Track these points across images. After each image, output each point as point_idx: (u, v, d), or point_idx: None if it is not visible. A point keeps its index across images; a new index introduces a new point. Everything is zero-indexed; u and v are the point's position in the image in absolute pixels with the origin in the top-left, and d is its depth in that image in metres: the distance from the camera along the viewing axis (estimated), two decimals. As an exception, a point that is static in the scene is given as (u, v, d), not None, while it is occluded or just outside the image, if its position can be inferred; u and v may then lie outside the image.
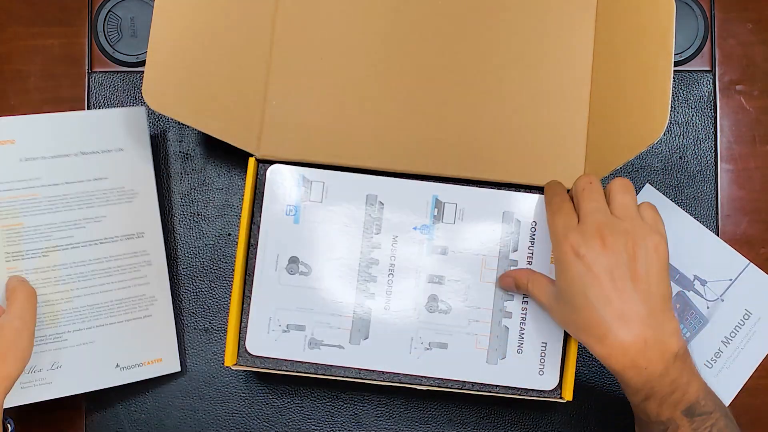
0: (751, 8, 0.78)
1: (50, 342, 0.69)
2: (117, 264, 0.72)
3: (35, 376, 0.69)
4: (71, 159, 0.70)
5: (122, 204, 0.72)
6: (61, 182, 0.69)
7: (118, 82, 0.77)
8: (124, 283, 0.72)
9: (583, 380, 0.75)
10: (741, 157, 0.77)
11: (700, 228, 0.76)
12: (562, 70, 0.70)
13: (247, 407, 0.75)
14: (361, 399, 0.75)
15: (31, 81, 0.78)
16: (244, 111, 0.68)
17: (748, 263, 0.76)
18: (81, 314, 0.70)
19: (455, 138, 0.69)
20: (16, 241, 0.68)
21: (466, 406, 0.75)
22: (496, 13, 0.70)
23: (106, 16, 0.78)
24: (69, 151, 0.70)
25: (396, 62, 0.70)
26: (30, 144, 0.68)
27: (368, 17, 0.70)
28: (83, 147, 0.70)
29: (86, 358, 0.70)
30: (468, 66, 0.70)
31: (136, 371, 0.72)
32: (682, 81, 0.77)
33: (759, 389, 0.75)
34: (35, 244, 0.68)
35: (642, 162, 0.77)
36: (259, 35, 0.69)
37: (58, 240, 0.69)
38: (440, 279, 0.67)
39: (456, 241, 0.67)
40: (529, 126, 0.69)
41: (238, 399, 0.75)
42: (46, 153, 0.69)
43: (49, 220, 0.69)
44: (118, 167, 0.71)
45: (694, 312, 0.75)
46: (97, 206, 0.71)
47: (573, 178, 0.69)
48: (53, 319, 0.69)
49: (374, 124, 0.69)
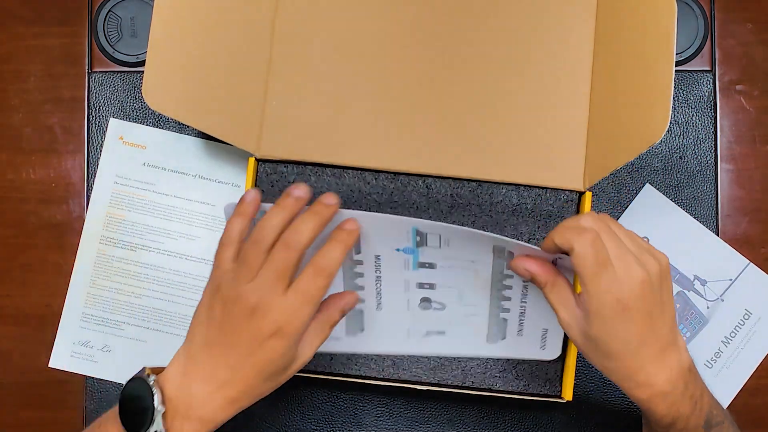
0: (751, 8, 0.78)
1: (109, 326, 0.75)
2: (193, 283, 0.75)
3: (86, 350, 0.75)
4: (189, 178, 0.76)
5: (219, 233, 0.73)
6: (171, 194, 0.76)
7: (118, 82, 0.77)
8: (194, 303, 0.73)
9: (583, 380, 0.75)
10: (741, 157, 0.77)
11: (700, 228, 0.76)
12: (562, 70, 0.70)
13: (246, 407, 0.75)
14: (361, 399, 0.75)
15: (31, 81, 0.78)
16: (244, 111, 0.68)
17: (748, 263, 0.76)
18: (144, 312, 0.75)
19: (455, 138, 0.69)
20: (113, 229, 0.76)
21: (466, 406, 0.75)
22: (496, 13, 0.70)
23: (106, 16, 0.78)
24: (189, 171, 0.76)
25: (396, 62, 0.70)
26: (158, 154, 0.76)
27: (368, 17, 0.70)
28: (203, 172, 0.77)
29: (134, 354, 0.75)
30: (468, 66, 0.70)
31: None
32: (682, 81, 0.77)
33: (759, 389, 0.75)
34: (128, 237, 0.76)
35: (642, 162, 0.77)
36: (259, 35, 0.69)
37: (149, 241, 0.76)
38: (431, 285, 0.64)
39: (444, 259, 0.62)
40: (529, 126, 0.69)
41: (238, 399, 0.75)
42: (167, 165, 0.76)
43: (148, 222, 0.76)
44: (228, 199, 0.76)
45: (694, 312, 0.75)
46: (195, 226, 0.76)
47: (573, 178, 0.69)
48: (118, 307, 0.75)
49: (374, 124, 0.69)
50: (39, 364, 0.75)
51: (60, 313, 0.75)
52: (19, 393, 0.76)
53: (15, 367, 0.76)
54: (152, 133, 0.77)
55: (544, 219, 0.69)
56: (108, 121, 0.77)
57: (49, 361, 0.75)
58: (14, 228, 0.77)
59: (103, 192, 0.76)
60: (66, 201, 0.77)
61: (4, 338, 0.76)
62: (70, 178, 0.77)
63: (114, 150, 0.77)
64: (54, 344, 0.75)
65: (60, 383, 0.75)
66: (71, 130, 0.77)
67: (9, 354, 0.76)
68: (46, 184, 0.77)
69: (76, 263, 0.76)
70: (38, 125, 0.77)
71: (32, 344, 0.76)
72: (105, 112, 0.77)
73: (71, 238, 0.76)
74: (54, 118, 0.78)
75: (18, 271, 0.77)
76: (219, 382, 0.53)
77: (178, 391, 0.53)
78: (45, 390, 0.76)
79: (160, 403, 0.53)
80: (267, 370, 0.54)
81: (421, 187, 0.69)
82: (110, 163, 0.77)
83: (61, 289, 0.76)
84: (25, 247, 0.77)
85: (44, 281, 0.76)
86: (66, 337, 0.75)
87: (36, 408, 0.76)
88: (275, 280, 0.52)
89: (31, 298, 0.76)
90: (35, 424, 0.76)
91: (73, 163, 0.77)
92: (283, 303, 0.52)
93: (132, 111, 0.77)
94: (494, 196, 0.69)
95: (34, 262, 0.76)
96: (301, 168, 0.69)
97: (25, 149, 0.77)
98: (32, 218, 0.77)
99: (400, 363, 0.68)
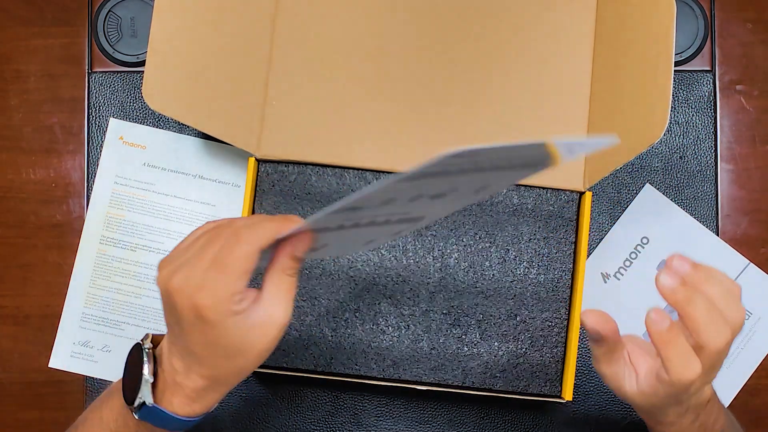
0: (751, 8, 0.78)
1: (109, 326, 0.75)
2: None
3: (86, 350, 0.75)
4: (189, 178, 0.76)
5: None
6: (171, 194, 0.76)
7: (118, 82, 0.77)
8: None
9: (583, 380, 0.75)
10: (741, 157, 0.77)
11: (700, 228, 0.76)
12: (562, 70, 0.70)
13: (247, 407, 0.75)
14: (361, 399, 0.75)
15: (31, 81, 0.78)
16: (244, 111, 0.68)
17: (748, 263, 0.76)
18: (144, 313, 0.75)
19: (455, 138, 0.69)
20: (113, 229, 0.76)
21: (466, 407, 0.75)
22: (496, 13, 0.70)
23: (106, 16, 0.78)
24: (189, 171, 0.76)
25: (396, 62, 0.70)
26: (157, 154, 0.76)
27: (368, 17, 0.70)
28: (203, 172, 0.76)
29: None
30: (468, 66, 0.70)
31: None
32: (682, 81, 0.77)
33: (759, 389, 0.75)
34: (128, 237, 0.76)
35: (642, 162, 0.77)
36: (259, 35, 0.69)
37: (149, 241, 0.76)
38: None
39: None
40: (529, 126, 0.69)
41: (238, 399, 0.75)
42: (167, 165, 0.76)
43: (148, 222, 0.76)
44: (228, 199, 0.76)
45: (694, 312, 0.75)
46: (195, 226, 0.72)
47: (573, 178, 0.69)
48: (118, 307, 0.75)
49: (374, 124, 0.69)
50: (39, 364, 0.75)
51: (60, 313, 0.75)
52: (19, 393, 0.76)
53: (15, 367, 0.76)
54: (152, 133, 0.77)
55: (544, 219, 0.69)
56: (108, 121, 0.77)
57: (49, 361, 0.75)
58: (14, 228, 0.77)
59: (103, 192, 0.76)
60: (66, 201, 0.77)
61: (4, 338, 0.76)
62: (70, 178, 0.77)
63: (114, 150, 0.77)
64: (54, 344, 0.75)
65: (60, 383, 0.75)
66: (71, 130, 0.77)
67: (9, 354, 0.76)
68: (46, 184, 0.77)
69: (76, 263, 0.76)
70: (38, 125, 0.77)
71: (32, 344, 0.76)
72: (105, 112, 0.77)
73: (71, 238, 0.76)
74: (54, 118, 0.77)
75: (18, 271, 0.77)
76: (189, 360, 0.50)
77: (167, 364, 0.52)
78: (45, 390, 0.76)
79: (150, 374, 0.51)
80: (216, 350, 0.49)
81: (421, 187, 0.69)
82: (110, 163, 0.76)
83: (61, 289, 0.76)
84: (25, 247, 0.77)
85: (44, 281, 0.76)
86: (66, 337, 0.75)
87: (36, 408, 0.76)
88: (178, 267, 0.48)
89: (31, 298, 0.76)
90: (35, 424, 0.76)
91: (73, 163, 0.77)
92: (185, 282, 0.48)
93: (132, 111, 0.77)
94: (495, 196, 0.69)
95: (34, 262, 0.76)
96: (302, 168, 0.69)
97: (25, 149, 0.77)
98: (32, 218, 0.77)
99: (400, 363, 0.68)
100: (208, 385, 0.51)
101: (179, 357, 0.51)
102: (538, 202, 0.69)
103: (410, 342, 0.68)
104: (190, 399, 0.51)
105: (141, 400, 0.51)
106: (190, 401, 0.51)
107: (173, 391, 0.51)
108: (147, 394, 0.51)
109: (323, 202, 0.69)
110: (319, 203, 0.69)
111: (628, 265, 0.76)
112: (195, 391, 0.51)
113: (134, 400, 0.51)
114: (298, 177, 0.69)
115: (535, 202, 0.69)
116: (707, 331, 0.48)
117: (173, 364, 0.51)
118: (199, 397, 0.51)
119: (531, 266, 0.69)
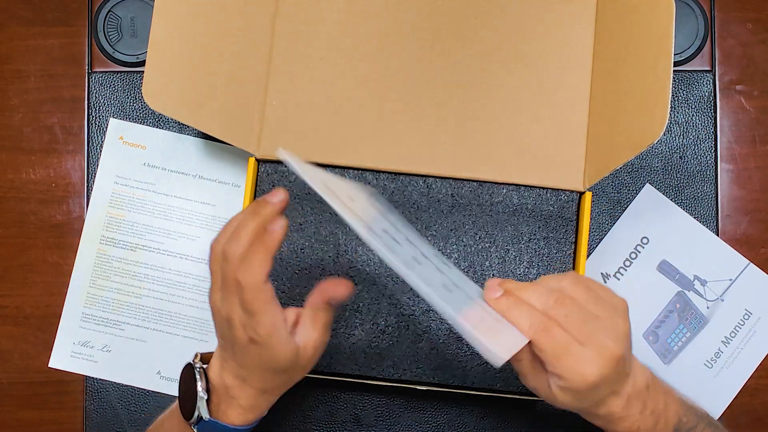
0: (751, 8, 0.78)
1: (109, 326, 0.75)
2: (194, 283, 0.76)
3: (86, 350, 0.75)
4: (189, 178, 0.76)
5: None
6: (171, 194, 0.76)
7: (118, 82, 0.77)
8: (194, 302, 0.75)
9: (583, 380, 0.75)
10: (741, 157, 0.77)
11: (700, 228, 0.76)
12: (562, 70, 0.70)
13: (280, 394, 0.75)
14: (361, 399, 0.75)
15: (31, 81, 0.78)
16: (244, 111, 0.68)
17: (748, 263, 0.76)
18: (144, 312, 0.75)
19: (455, 138, 0.69)
20: (113, 229, 0.76)
21: (466, 407, 0.75)
22: (496, 13, 0.70)
23: (106, 16, 0.78)
24: (189, 171, 0.76)
25: (396, 62, 0.70)
26: (157, 154, 0.76)
27: (368, 17, 0.70)
28: (203, 172, 0.76)
29: (134, 354, 0.75)
30: (468, 66, 0.70)
31: (173, 384, 0.75)
32: (682, 81, 0.77)
33: (759, 389, 0.75)
34: (128, 237, 0.76)
35: (642, 162, 0.77)
36: (259, 35, 0.69)
37: (149, 241, 0.76)
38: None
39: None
40: (529, 126, 0.69)
41: (238, 399, 0.75)
42: (167, 165, 0.76)
43: (148, 222, 0.76)
44: (228, 199, 0.76)
45: (694, 312, 0.75)
46: (195, 226, 0.76)
47: (573, 178, 0.69)
48: (118, 307, 0.75)
49: (374, 124, 0.69)
50: (39, 364, 0.75)
51: (60, 313, 0.75)
52: (19, 393, 0.76)
53: (15, 367, 0.76)
54: (152, 133, 0.77)
55: (544, 219, 0.69)
56: (108, 121, 0.77)
57: (49, 361, 0.75)
58: (14, 228, 0.77)
59: (103, 192, 0.76)
60: (66, 201, 0.77)
61: (4, 338, 0.76)
62: (70, 178, 0.77)
63: (114, 150, 0.77)
64: (54, 344, 0.75)
65: (60, 383, 0.75)
66: (71, 130, 0.77)
67: (9, 354, 0.76)
68: (46, 184, 0.77)
69: (76, 263, 0.76)
70: (38, 125, 0.78)
71: (32, 344, 0.76)
72: (105, 112, 0.77)
73: (71, 238, 0.76)
74: (54, 118, 0.78)
75: (18, 271, 0.77)
76: (241, 378, 0.56)
77: (218, 381, 0.56)
78: (45, 390, 0.76)
79: (203, 390, 0.56)
80: (268, 367, 0.55)
81: (422, 187, 0.69)
82: (110, 163, 0.77)
83: (61, 289, 0.76)
84: (25, 247, 0.77)
85: (44, 281, 0.76)
86: (66, 337, 0.75)
87: (36, 408, 0.76)
88: (233, 294, 0.52)
89: (31, 298, 0.76)
90: (35, 424, 0.76)
91: (73, 163, 0.77)
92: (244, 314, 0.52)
93: (132, 111, 0.77)
94: (495, 196, 0.69)
95: (34, 262, 0.76)
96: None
97: (25, 149, 0.77)
98: (32, 218, 0.77)
99: (400, 363, 0.68)
100: (260, 395, 0.56)
101: (232, 373, 0.56)
102: (538, 202, 0.69)
103: (410, 342, 0.68)
104: (244, 410, 0.56)
105: (198, 415, 0.56)
106: (244, 411, 0.56)
107: (228, 403, 0.56)
108: (203, 409, 0.55)
109: (323, 202, 0.69)
110: (319, 203, 0.69)
111: (628, 265, 0.76)
112: (248, 402, 0.56)
113: (192, 415, 0.56)
114: (298, 177, 0.69)
115: (535, 202, 0.69)
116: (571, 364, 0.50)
117: (225, 380, 0.56)
118: (253, 408, 0.57)
119: (531, 266, 0.69)
